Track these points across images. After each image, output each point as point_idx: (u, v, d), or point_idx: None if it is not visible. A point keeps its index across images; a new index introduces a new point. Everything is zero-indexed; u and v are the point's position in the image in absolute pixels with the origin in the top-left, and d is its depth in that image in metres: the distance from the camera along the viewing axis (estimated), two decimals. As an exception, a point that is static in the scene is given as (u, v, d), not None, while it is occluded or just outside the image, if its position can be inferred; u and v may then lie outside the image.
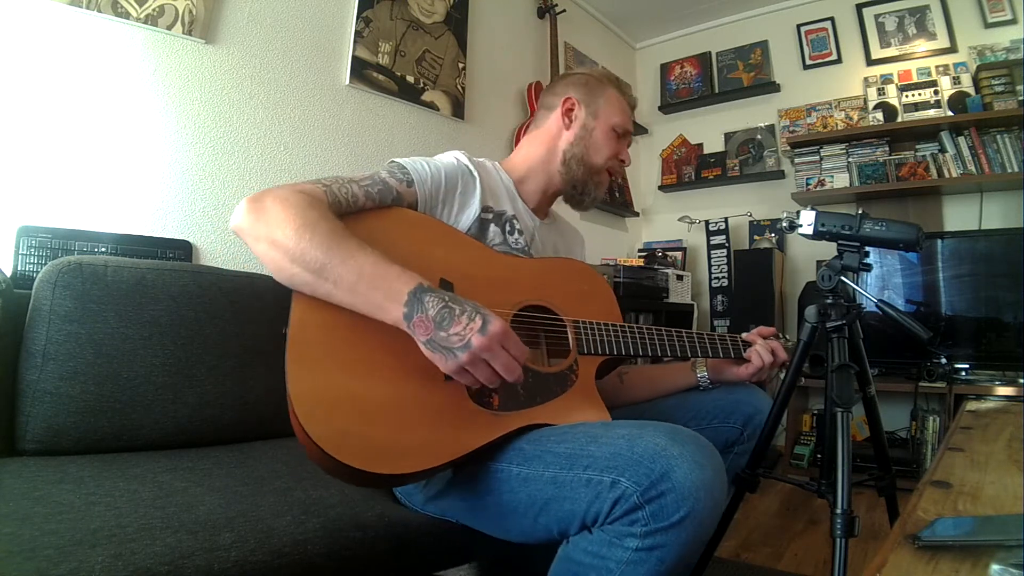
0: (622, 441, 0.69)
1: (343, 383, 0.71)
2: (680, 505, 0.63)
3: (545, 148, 1.08)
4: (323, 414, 0.68)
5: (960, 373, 2.33)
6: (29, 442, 1.02)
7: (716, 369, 1.08)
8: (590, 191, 1.08)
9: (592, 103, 1.08)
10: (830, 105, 3.00)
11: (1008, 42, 2.59)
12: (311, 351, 0.72)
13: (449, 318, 0.70)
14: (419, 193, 0.91)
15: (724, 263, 3.12)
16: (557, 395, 0.85)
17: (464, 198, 0.97)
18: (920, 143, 2.70)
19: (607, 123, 1.07)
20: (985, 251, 2.41)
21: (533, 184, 1.08)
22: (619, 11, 3.35)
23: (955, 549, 0.48)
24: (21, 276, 1.28)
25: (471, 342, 0.69)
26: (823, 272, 0.93)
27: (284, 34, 1.86)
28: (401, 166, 0.92)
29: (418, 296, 0.71)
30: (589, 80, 1.11)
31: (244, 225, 0.75)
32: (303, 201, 0.75)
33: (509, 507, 0.77)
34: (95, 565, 0.59)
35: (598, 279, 1.02)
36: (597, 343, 0.91)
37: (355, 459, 0.67)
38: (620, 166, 1.11)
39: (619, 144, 1.08)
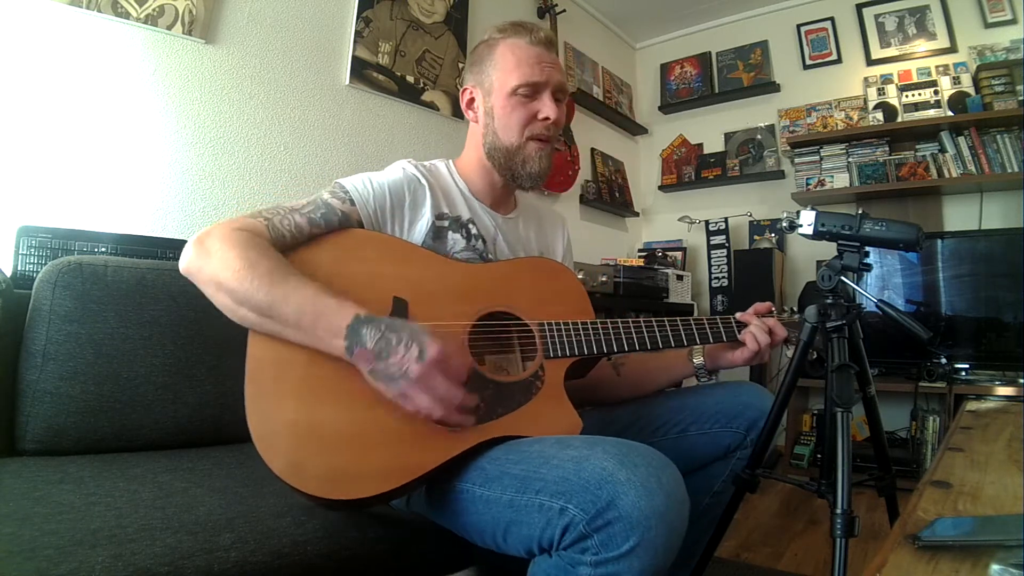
0: (570, 464, 0.67)
1: (300, 415, 0.73)
2: (629, 534, 0.61)
3: (472, 148, 1.02)
4: (281, 447, 0.71)
5: (960, 373, 2.34)
6: (29, 442, 1.01)
7: (712, 355, 1.01)
8: (520, 171, 0.98)
9: (483, 79, 0.98)
10: (830, 105, 3.00)
11: (1008, 42, 2.59)
12: (267, 386, 0.74)
13: (387, 348, 0.70)
14: (362, 213, 0.89)
15: (724, 263, 3.12)
16: (521, 404, 0.82)
17: (414, 210, 0.93)
18: (920, 143, 2.70)
19: (504, 92, 0.95)
20: (985, 251, 2.41)
21: (479, 183, 1.02)
22: (619, 11, 3.35)
23: (955, 549, 0.48)
24: (21, 276, 1.28)
25: (409, 371, 0.69)
26: (823, 272, 0.93)
27: (284, 34, 1.86)
28: (342, 187, 0.90)
29: (355, 328, 0.71)
30: (479, 53, 1.01)
31: (192, 268, 0.77)
32: (243, 239, 0.76)
33: (477, 527, 0.76)
34: (95, 565, 0.59)
35: (566, 275, 0.97)
36: (564, 345, 0.87)
37: (315, 488, 0.69)
38: (544, 127, 0.96)
39: (529, 106, 0.95)
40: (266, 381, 0.74)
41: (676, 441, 1.01)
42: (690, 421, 1.02)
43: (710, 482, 1.02)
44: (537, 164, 0.97)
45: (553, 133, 0.98)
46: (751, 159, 3.24)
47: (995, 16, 2.64)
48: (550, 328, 0.88)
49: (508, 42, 0.97)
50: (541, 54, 0.96)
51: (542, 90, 0.95)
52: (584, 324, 0.89)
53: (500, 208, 1.04)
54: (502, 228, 1.02)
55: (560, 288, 0.94)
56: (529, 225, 1.09)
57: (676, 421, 1.03)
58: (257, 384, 0.74)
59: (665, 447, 0.99)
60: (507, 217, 1.05)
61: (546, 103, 0.95)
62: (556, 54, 1.00)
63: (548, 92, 0.96)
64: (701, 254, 3.28)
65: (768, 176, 3.16)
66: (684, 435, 1.02)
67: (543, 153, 0.98)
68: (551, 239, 1.14)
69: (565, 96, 1.00)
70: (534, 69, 0.94)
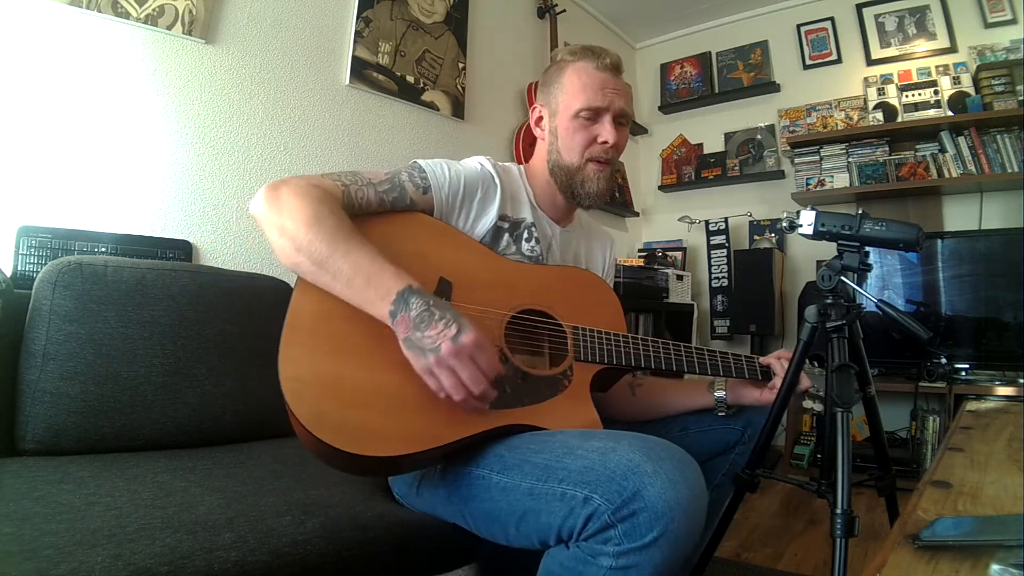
0: (595, 455, 0.68)
1: (330, 368, 0.74)
2: (653, 525, 0.62)
3: (540, 161, 1.05)
4: (307, 394, 0.71)
5: (960, 373, 2.33)
6: (29, 442, 1.02)
7: (735, 390, 1.03)
8: (579, 191, 1.01)
9: (551, 100, 1.02)
10: (830, 105, 3.00)
11: (1008, 42, 2.59)
12: (304, 336, 0.75)
13: (427, 321, 0.72)
14: (435, 198, 0.92)
15: (724, 263, 3.12)
16: (546, 398, 0.84)
17: (483, 205, 0.96)
18: (920, 143, 2.70)
19: (568, 114, 0.99)
20: (985, 251, 2.41)
21: (543, 194, 1.05)
22: (619, 11, 3.35)
23: (955, 549, 0.48)
24: (21, 276, 1.28)
25: (440, 347, 0.71)
26: (823, 272, 0.93)
27: (284, 34, 1.86)
28: (421, 169, 0.92)
29: (405, 297, 0.73)
30: (550, 72, 1.04)
31: (260, 212, 0.80)
32: (316, 195, 0.79)
33: (491, 515, 0.77)
34: (95, 565, 0.59)
35: (605, 289, 1.01)
36: (595, 351, 0.90)
37: (332, 438, 0.70)
38: (603, 150, 0.99)
39: (590, 129, 0.98)
40: (303, 330, 0.76)
41: (677, 439, 1.02)
42: (690, 419, 1.04)
43: (710, 476, 1.03)
44: (596, 185, 1.00)
45: (612, 156, 1.01)
46: (751, 159, 3.24)
47: (995, 16, 2.64)
48: (583, 333, 0.91)
49: (576, 65, 1.00)
50: (606, 80, 0.98)
51: (603, 114, 0.98)
52: (616, 335, 0.93)
53: (559, 220, 1.08)
54: (558, 238, 1.06)
55: (597, 299, 0.98)
56: (580, 240, 1.13)
57: (677, 421, 1.05)
58: (294, 331, 0.75)
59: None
60: (564, 229, 1.08)
61: (606, 127, 0.98)
62: (623, 80, 1.03)
63: (609, 117, 0.98)
64: (701, 254, 3.28)
65: (768, 176, 3.16)
66: (685, 432, 1.03)
67: (602, 175, 1.00)
68: (597, 255, 1.17)
69: (628, 121, 1.03)
70: (597, 94, 0.97)
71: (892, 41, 2.88)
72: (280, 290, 1.35)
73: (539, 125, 1.06)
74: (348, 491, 0.91)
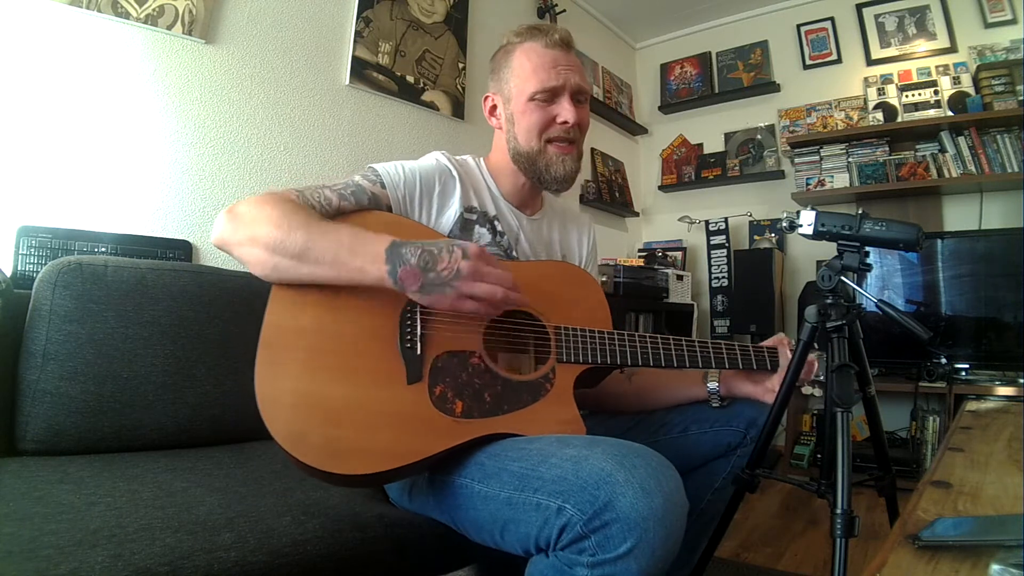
0: (569, 464, 0.67)
1: (307, 387, 0.73)
2: (627, 536, 0.60)
3: (499, 151, 1.03)
4: (284, 415, 0.71)
5: (960, 373, 2.33)
6: (29, 442, 1.01)
7: (728, 382, 1.01)
8: (545, 175, 0.98)
9: (503, 86, 0.99)
10: (830, 105, 3.00)
11: (1008, 42, 2.59)
12: (279, 354, 0.74)
13: (431, 260, 0.73)
14: (391, 196, 0.90)
15: (724, 263, 3.11)
16: (526, 404, 0.82)
17: (443, 199, 0.95)
18: (920, 143, 2.70)
19: (522, 99, 0.95)
20: (985, 251, 2.41)
21: (506, 183, 1.03)
22: (619, 11, 3.35)
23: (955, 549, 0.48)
24: (21, 276, 1.28)
25: (460, 269, 0.72)
26: (823, 272, 0.93)
27: (284, 34, 1.86)
28: (374, 170, 0.91)
29: (395, 250, 0.74)
30: (497, 60, 1.02)
31: (225, 234, 0.78)
32: (275, 199, 0.79)
33: (477, 523, 0.76)
34: (95, 565, 0.59)
35: (589, 283, 0.97)
36: (578, 351, 0.87)
37: (313, 458, 0.69)
38: (564, 130, 0.96)
39: (547, 110, 0.95)
40: (279, 348, 0.74)
41: (678, 440, 1.02)
42: (691, 420, 1.02)
43: (711, 479, 1.03)
44: (561, 168, 0.97)
45: (574, 135, 0.98)
46: (751, 159, 3.24)
47: (995, 16, 2.64)
48: (566, 333, 0.88)
49: (524, 47, 0.97)
50: (558, 57, 0.95)
51: (560, 94, 0.95)
52: (601, 333, 0.90)
53: (526, 208, 1.05)
54: (525, 228, 1.03)
55: (582, 296, 0.95)
56: (553, 226, 1.10)
57: (677, 420, 1.03)
58: (270, 350, 0.74)
59: (667, 446, 0.99)
60: (532, 218, 1.05)
61: (564, 106, 0.95)
62: (574, 54, 0.99)
63: (566, 95, 0.95)
64: (701, 254, 3.28)
65: (768, 176, 3.16)
66: (685, 434, 1.02)
67: (566, 157, 0.97)
68: (574, 241, 1.14)
69: (586, 97, 0.99)
70: (550, 73, 0.94)
71: (892, 41, 2.88)
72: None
73: (493, 115, 1.03)
74: (348, 492, 0.91)
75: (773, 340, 1.01)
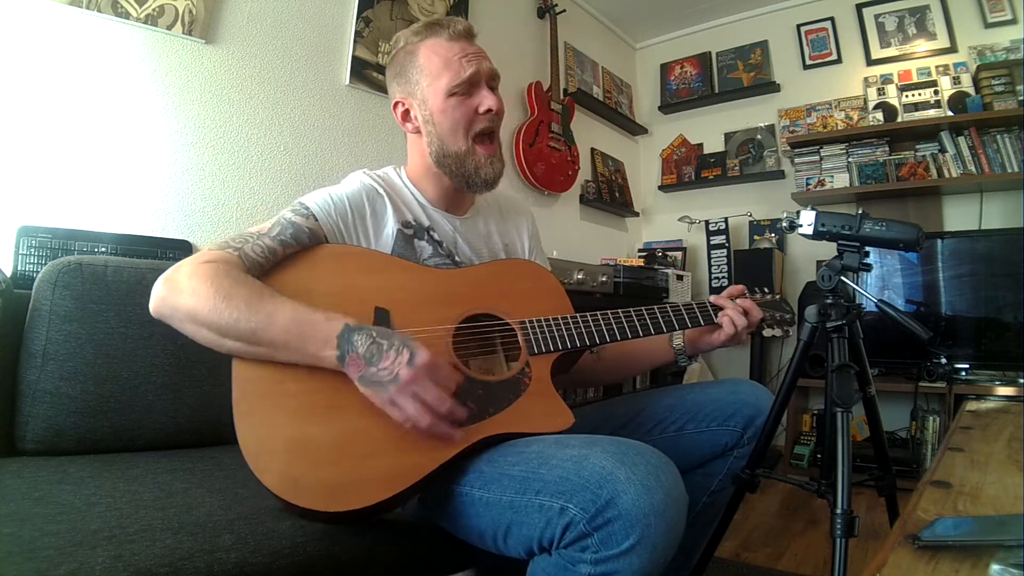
0: (569, 464, 0.68)
1: (292, 430, 0.72)
2: (629, 532, 0.62)
3: (418, 156, 1.00)
4: (274, 464, 0.70)
5: (960, 373, 2.33)
6: (29, 442, 1.02)
7: (692, 340, 1.04)
8: (474, 178, 0.96)
9: (414, 88, 0.95)
10: (830, 105, 3.00)
11: (1008, 42, 2.59)
12: (256, 404, 0.74)
13: (378, 354, 0.71)
14: (325, 227, 0.88)
15: (724, 263, 3.11)
16: (511, 402, 0.82)
17: (376, 219, 0.93)
18: (920, 143, 2.70)
19: (439, 97, 0.92)
20: (985, 251, 2.41)
21: (431, 189, 1.00)
22: (619, 11, 3.35)
23: (955, 549, 0.49)
24: (21, 276, 1.28)
25: (399, 375, 0.70)
26: (823, 272, 0.93)
27: (284, 34, 1.85)
28: (303, 204, 0.89)
29: (347, 336, 0.72)
30: (398, 60, 0.98)
31: (164, 309, 0.76)
32: (214, 271, 0.75)
33: (478, 530, 0.76)
34: (95, 566, 0.59)
35: (542, 273, 0.98)
36: (547, 340, 0.88)
37: (312, 502, 0.69)
38: (488, 119, 0.94)
39: (468, 103, 0.93)
40: (255, 399, 0.74)
41: (673, 439, 1.01)
42: (687, 419, 1.02)
43: (708, 481, 1.02)
44: (490, 170, 0.96)
45: (496, 123, 0.96)
46: (751, 159, 3.24)
47: (995, 16, 2.64)
48: (532, 325, 0.89)
49: (428, 43, 0.95)
50: (464, 47, 0.94)
51: (476, 83, 0.94)
52: (564, 319, 0.91)
53: (456, 210, 1.03)
54: (460, 230, 1.02)
55: (538, 287, 0.96)
56: (489, 220, 1.08)
57: (673, 419, 1.03)
58: (247, 402, 0.74)
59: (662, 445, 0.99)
60: (464, 218, 1.04)
61: (484, 95, 0.94)
62: (476, 42, 0.97)
63: (483, 83, 0.94)
64: (701, 254, 3.28)
65: (768, 176, 3.16)
66: (681, 433, 1.02)
67: (494, 158, 0.97)
68: (513, 230, 1.12)
69: (498, 83, 0.98)
70: (462, 64, 0.92)
71: (892, 41, 2.88)
72: (280, 290, 1.35)
73: (408, 119, 0.98)
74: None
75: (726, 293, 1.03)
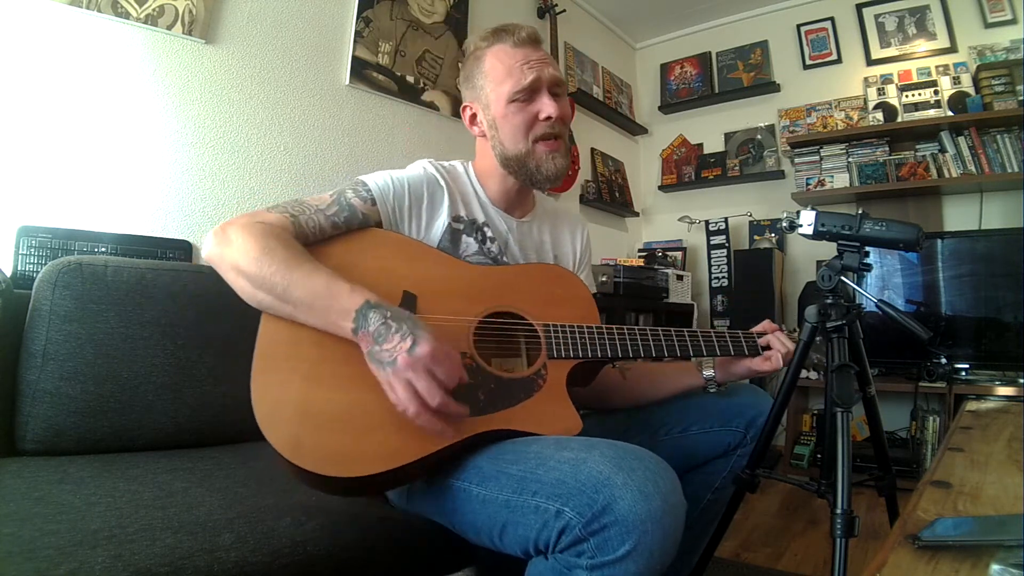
0: (567, 466, 0.67)
1: (304, 393, 0.74)
2: (625, 538, 0.61)
3: (485, 157, 1.02)
4: (282, 422, 0.71)
5: (960, 373, 2.33)
6: (29, 442, 1.02)
7: (724, 367, 1.02)
8: (536, 176, 0.98)
9: (479, 94, 0.99)
10: (830, 105, 3.00)
11: (1008, 42, 2.59)
12: (275, 363, 0.75)
13: (385, 334, 0.72)
14: (382, 210, 0.91)
15: (724, 263, 3.11)
16: (520, 400, 0.82)
17: (431, 210, 0.95)
18: (920, 143, 2.70)
19: (501, 102, 0.95)
20: (985, 251, 2.41)
21: (494, 188, 1.02)
22: (619, 11, 3.35)
23: (955, 549, 0.48)
24: (21, 276, 1.28)
25: (397, 359, 0.70)
26: (823, 272, 0.93)
27: (284, 34, 1.85)
28: (364, 183, 0.91)
29: (363, 312, 0.73)
30: (468, 68, 1.01)
31: (213, 256, 0.80)
32: (263, 230, 0.79)
33: (475, 526, 0.76)
34: (95, 566, 0.59)
35: (575, 282, 0.98)
36: (568, 346, 0.88)
37: (312, 464, 0.69)
38: (548, 125, 0.96)
39: (528, 109, 0.95)
40: (274, 358, 0.76)
41: (678, 440, 1.02)
42: (691, 421, 1.03)
43: (710, 479, 1.03)
44: (552, 165, 0.97)
45: (560, 130, 0.97)
46: (751, 159, 3.24)
47: (995, 16, 2.64)
48: (555, 330, 0.89)
49: (493, 50, 0.97)
50: (528, 54, 0.96)
51: (538, 89, 0.95)
52: (589, 328, 0.91)
53: (515, 212, 1.05)
54: (515, 232, 1.03)
55: (567, 294, 0.96)
56: (544, 228, 1.09)
57: (677, 421, 1.04)
58: (265, 360, 0.75)
59: (667, 446, 0.99)
60: (521, 221, 1.05)
61: (544, 102, 0.95)
62: (543, 48, 0.99)
63: (544, 90, 0.95)
64: (701, 254, 3.28)
65: (768, 176, 3.16)
66: (686, 434, 1.02)
67: (556, 154, 0.97)
68: (566, 242, 1.13)
69: (563, 89, 0.99)
70: (524, 71, 0.94)
71: (892, 41, 2.88)
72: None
73: (474, 123, 1.01)
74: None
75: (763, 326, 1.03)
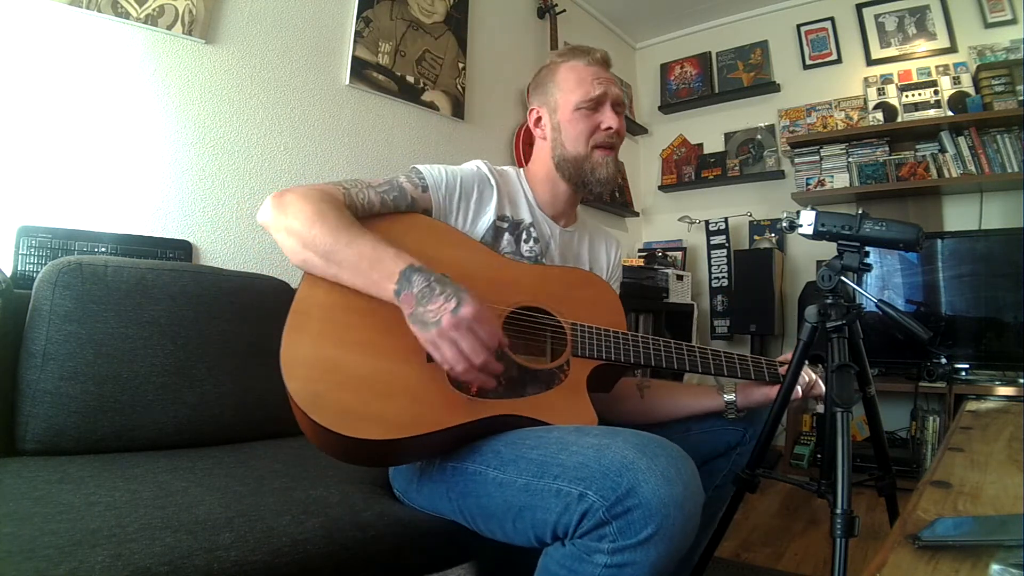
0: (590, 451, 0.68)
1: (331, 352, 0.77)
2: (648, 522, 0.62)
3: (541, 163, 1.08)
4: (304, 375, 0.74)
5: (960, 373, 2.33)
6: (29, 442, 1.02)
7: (745, 392, 1.03)
8: (589, 178, 1.03)
9: (548, 99, 1.06)
10: (830, 105, 3.00)
11: (1008, 42, 2.59)
12: (308, 322, 0.79)
13: (429, 295, 0.75)
14: (433, 198, 0.95)
15: (724, 263, 3.12)
16: (540, 391, 0.85)
17: (480, 205, 0.99)
18: (920, 143, 2.70)
19: (568, 108, 1.03)
20: (985, 251, 2.41)
21: (544, 194, 1.07)
22: (619, 11, 3.35)
23: (955, 549, 0.48)
24: (21, 276, 1.28)
25: (441, 320, 0.73)
26: (823, 272, 0.93)
27: (284, 34, 1.86)
28: (419, 171, 0.96)
29: (407, 275, 0.76)
30: (541, 76, 1.09)
31: (268, 218, 0.84)
32: (318, 196, 0.83)
33: (488, 511, 0.77)
34: (95, 565, 0.59)
35: (606, 289, 1.02)
36: (592, 347, 0.91)
37: (327, 419, 0.71)
38: (607, 135, 1.03)
39: (592, 118, 1.02)
40: (308, 317, 0.79)
41: (680, 439, 1.02)
42: (693, 420, 1.05)
43: (711, 477, 1.04)
44: (605, 170, 1.03)
45: (616, 142, 1.04)
46: (751, 159, 3.24)
47: (995, 16, 2.64)
48: (581, 329, 0.92)
49: (569, 64, 1.05)
50: (599, 72, 1.04)
51: (603, 103, 1.03)
52: (615, 332, 0.94)
53: (560, 220, 1.09)
54: (557, 239, 1.08)
55: (597, 298, 0.99)
56: (583, 241, 1.14)
57: (678, 420, 1.05)
58: (299, 317, 0.78)
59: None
60: (564, 229, 1.09)
61: (607, 114, 1.02)
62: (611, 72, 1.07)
63: (608, 104, 1.03)
64: (701, 254, 3.28)
65: (768, 176, 3.16)
66: (687, 434, 1.03)
67: (609, 159, 1.04)
68: (601, 255, 1.18)
69: (623, 109, 1.07)
70: (594, 85, 1.02)
71: (892, 41, 2.88)
72: (280, 290, 1.35)
73: (538, 125, 1.08)
74: (348, 490, 0.91)
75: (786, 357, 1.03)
